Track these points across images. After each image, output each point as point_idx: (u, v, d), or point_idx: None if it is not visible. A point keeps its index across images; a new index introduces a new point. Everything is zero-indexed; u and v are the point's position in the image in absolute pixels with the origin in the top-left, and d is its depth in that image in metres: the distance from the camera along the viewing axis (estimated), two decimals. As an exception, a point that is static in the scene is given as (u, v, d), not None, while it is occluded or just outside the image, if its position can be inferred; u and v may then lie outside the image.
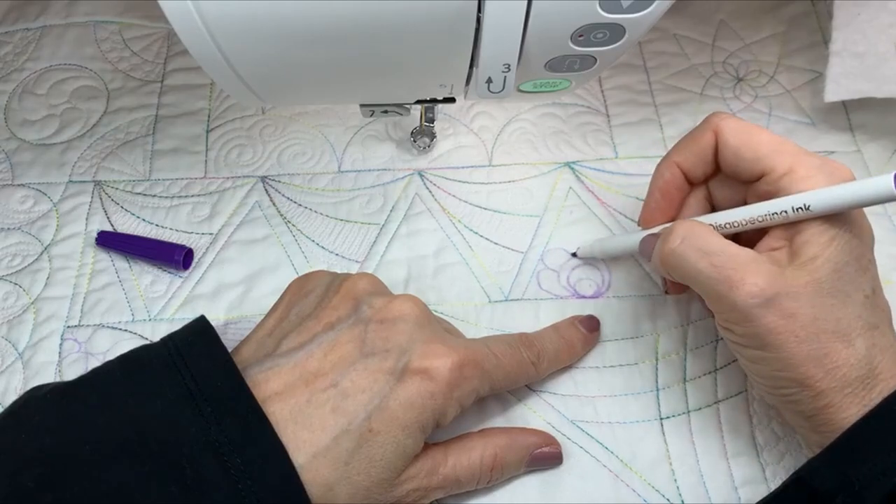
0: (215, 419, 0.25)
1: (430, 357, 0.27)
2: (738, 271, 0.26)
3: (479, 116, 0.42)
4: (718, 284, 0.26)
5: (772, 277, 0.26)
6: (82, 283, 0.37)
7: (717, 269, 0.26)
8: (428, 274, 0.37)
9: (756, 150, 0.28)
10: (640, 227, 0.34)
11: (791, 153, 0.28)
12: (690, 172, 0.32)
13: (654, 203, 0.33)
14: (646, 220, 0.33)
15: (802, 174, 0.27)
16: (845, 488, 0.24)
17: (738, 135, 0.29)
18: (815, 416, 0.26)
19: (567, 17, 0.24)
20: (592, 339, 0.35)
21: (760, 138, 0.29)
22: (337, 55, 0.25)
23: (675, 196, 0.32)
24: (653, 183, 0.33)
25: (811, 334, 0.26)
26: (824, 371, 0.26)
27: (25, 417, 0.25)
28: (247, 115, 0.43)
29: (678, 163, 0.32)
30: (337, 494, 0.25)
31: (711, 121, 0.30)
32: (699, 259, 0.27)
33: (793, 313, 0.25)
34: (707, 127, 0.30)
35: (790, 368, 0.26)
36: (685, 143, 0.31)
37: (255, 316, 0.36)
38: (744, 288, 0.26)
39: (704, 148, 0.30)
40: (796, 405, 0.27)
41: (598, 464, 0.32)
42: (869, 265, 0.27)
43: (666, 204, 0.32)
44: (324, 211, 0.39)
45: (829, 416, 0.26)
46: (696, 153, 0.31)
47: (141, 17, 0.46)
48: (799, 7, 0.45)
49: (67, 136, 0.42)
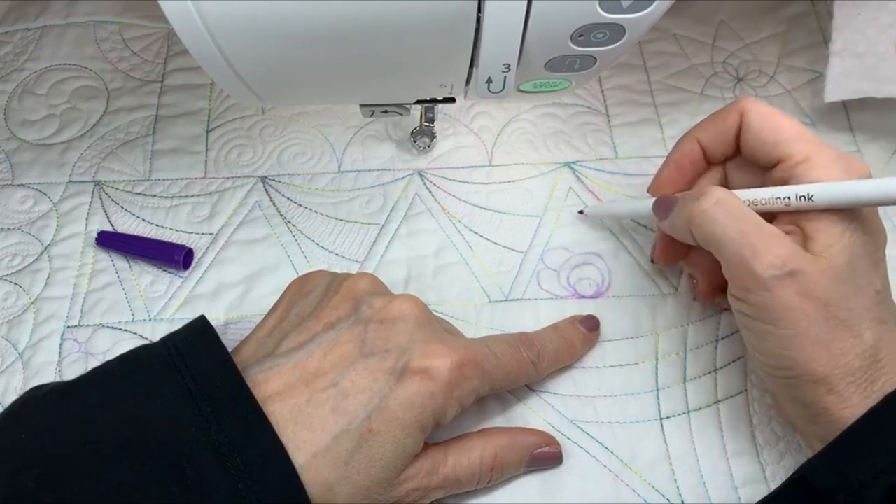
0: (215, 419, 0.25)
1: (429, 357, 0.27)
2: (765, 241, 0.26)
3: (479, 116, 0.42)
4: (743, 249, 0.26)
5: (795, 254, 0.26)
6: (82, 283, 0.37)
7: (745, 235, 0.26)
8: (428, 274, 0.37)
9: (777, 135, 0.29)
10: (650, 194, 0.34)
11: (811, 142, 0.28)
12: (710, 150, 0.32)
13: (667, 173, 0.33)
14: (656, 188, 0.34)
15: (819, 164, 0.27)
16: (845, 487, 0.24)
17: (762, 118, 0.29)
18: (814, 404, 0.26)
19: (567, 17, 0.24)
20: (592, 338, 0.35)
21: (784, 124, 0.29)
22: (337, 55, 0.25)
23: (689, 170, 0.33)
24: (670, 154, 0.33)
25: (822, 317, 0.26)
26: (829, 356, 0.26)
27: (25, 417, 0.25)
28: (247, 115, 0.43)
29: (699, 138, 0.32)
30: (337, 494, 0.25)
31: (740, 102, 0.30)
32: (729, 223, 0.27)
33: (808, 293, 0.26)
34: (734, 107, 0.30)
35: (796, 348, 0.26)
36: (710, 120, 0.32)
37: (255, 316, 0.36)
38: (766, 258, 0.26)
39: (728, 127, 0.31)
40: (796, 390, 0.27)
41: (598, 464, 0.32)
42: (880, 263, 0.28)
43: (678, 176, 0.33)
44: (324, 211, 0.39)
45: (829, 404, 0.26)
46: (719, 131, 0.31)
47: (141, 17, 0.46)
48: (799, 7, 0.45)
49: (67, 136, 0.42)
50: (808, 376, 0.26)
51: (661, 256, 0.34)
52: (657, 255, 0.35)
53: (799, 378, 0.26)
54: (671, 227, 0.31)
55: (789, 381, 0.27)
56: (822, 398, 0.26)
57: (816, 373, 0.26)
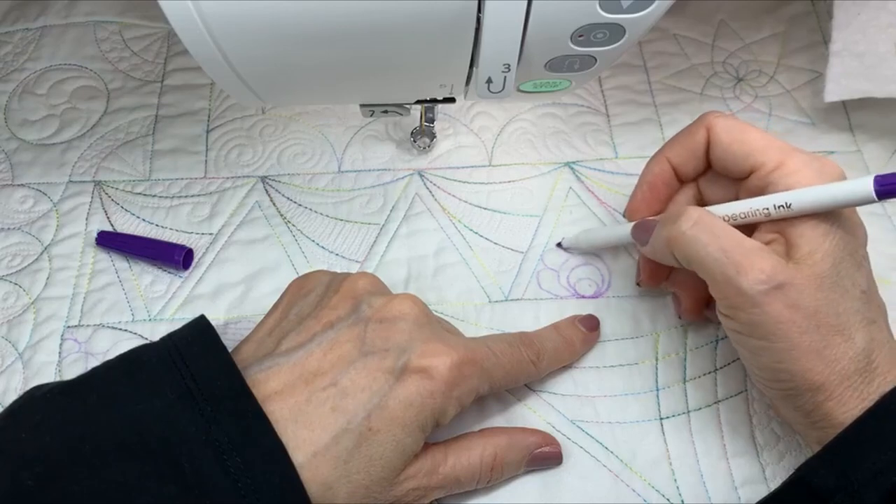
0: (215, 418, 0.25)
1: (429, 356, 0.27)
2: (748, 257, 0.26)
3: (479, 116, 0.42)
4: (727, 268, 0.26)
5: (778, 266, 0.26)
6: (82, 283, 0.37)
7: (727, 254, 0.26)
8: (428, 274, 0.37)
9: (746, 147, 0.29)
10: (626, 219, 0.34)
11: (781, 149, 0.28)
12: (681, 168, 0.32)
13: (641, 196, 0.33)
14: (631, 212, 0.34)
15: (792, 168, 0.27)
16: (844, 487, 0.24)
17: (729, 132, 0.30)
18: (815, 412, 0.27)
19: (567, 17, 0.24)
20: (592, 337, 0.35)
21: (751, 135, 0.29)
22: (337, 55, 0.25)
23: (663, 191, 0.33)
24: (642, 176, 0.33)
25: (812, 326, 0.26)
26: (824, 363, 0.26)
27: (25, 417, 0.25)
28: (247, 115, 0.43)
29: (669, 158, 0.32)
30: (336, 493, 0.25)
31: (705, 118, 0.30)
32: (710, 242, 0.27)
33: (796, 304, 0.26)
34: (700, 124, 0.31)
35: (791, 360, 0.26)
36: (678, 139, 0.32)
37: (255, 316, 0.36)
38: (752, 274, 0.26)
39: (697, 144, 0.31)
40: (795, 400, 0.27)
41: (598, 464, 0.32)
42: (863, 261, 0.28)
43: (652, 198, 0.33)
44: (324, 211, 0.39)
45: (829, 410, 0.26)
46: (688, 149, 0.31)
47: (141, 17, 0.46)
48: (799, 7, 0.45)
49: (67, 136, 0.42)
50: (806, 385, 0.26)
51: (649, 279, 0.34)
52: (644, 278, 0.34)
53: (797, 388, 0.27)
54: (652, 252, 0.31)
55: (788, 392, 0.27)
56: (822, 405, 0.26)
57: (814, 382, 0.26)
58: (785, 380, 0.27)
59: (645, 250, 0.31)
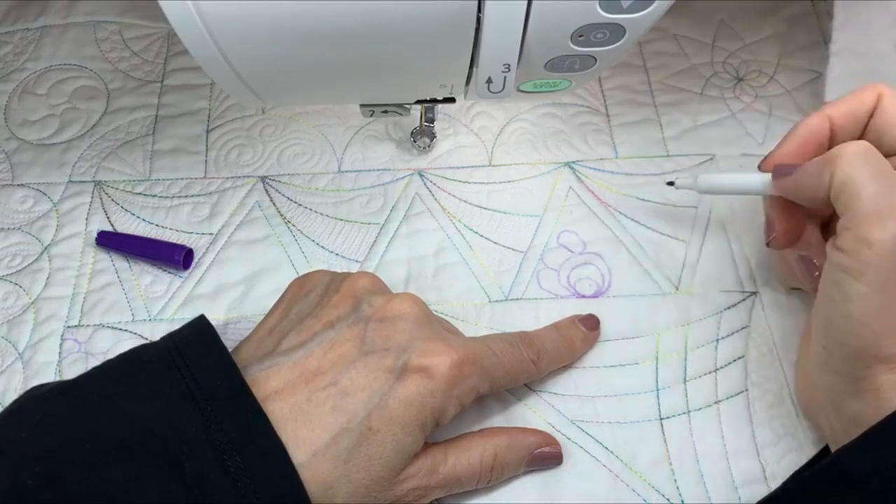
0: (215, 418, 0.25)
1: (429, 355, 0.27)
2: None
3: (479, 116, 0.42)
4: (880, 202, 0.25)
5: None
6: (82, 283, 0.37)
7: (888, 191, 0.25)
8: (428, 274, 0.37)
9: None
10: (761, 170, 0.32)
11: None
12: (839, 130, 0.30)
13: (788, 149, 0.31)
14: (772, 162, 0.31)
15: None
16: (881, 472, 0.24)
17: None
18: (866, 381, 0.26)
19: (567, 17, 0.24)
20: (592, 337, 0.35)
21: None
22: (337, 55, 0.25)
23: (812, 151, 0.31)
24: (795, 131, 0.31)
25: None
26: None
27: (25, 416, 0.25)
28: (247, 115, 0.43)
29: (831, 116, 0.31)
30: (336, 493, 0.25)
31: (877, 86, 0.30)
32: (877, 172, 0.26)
33: None
34: (872, 88, 0.30)
35: (880, 320, 0.25)
36: (843, 99, 0.30)
37: (255, 316, 0.36)
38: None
39: (864, 105, 0.30)
40: (854, 363, 0.26)
41: (598, 464, 0.32)
42: None
43: (800, 154, 0.31)
44: (324, 211, 0.39)
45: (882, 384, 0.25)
46: (853, 109, 0.30)
47: (141, 17, 0.46)
48: (799, 7, 0.45)
49: (67, 136, 0.42)
50: (876, 350, 0.25)
51: (783, 236, 0.31)
52: (779, 234, 0.31)
53: (865, 351, 0.26)
54: (795, 182, 0.29)
55: (851, 352, 0.26)
56: (878, 377, 0.25)
57: (885, 350, 0.25)
58: (860, 337, 0.26)
59: (783, 183, 0.30)
